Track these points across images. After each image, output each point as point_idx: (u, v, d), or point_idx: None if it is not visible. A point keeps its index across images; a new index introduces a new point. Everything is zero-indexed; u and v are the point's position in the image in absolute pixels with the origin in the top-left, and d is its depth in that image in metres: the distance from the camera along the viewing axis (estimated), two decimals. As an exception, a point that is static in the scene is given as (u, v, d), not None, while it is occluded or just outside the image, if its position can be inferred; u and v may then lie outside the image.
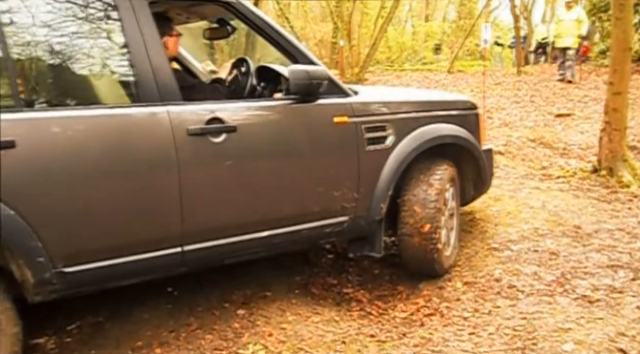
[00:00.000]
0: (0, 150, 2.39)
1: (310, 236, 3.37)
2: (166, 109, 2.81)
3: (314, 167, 3.30)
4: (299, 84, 3.11)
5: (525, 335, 3.01)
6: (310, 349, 2.92)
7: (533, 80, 13.64)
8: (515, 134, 7.50)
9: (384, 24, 15.83)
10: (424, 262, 3.73)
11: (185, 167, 2.82)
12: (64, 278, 2.61)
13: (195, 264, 3.06)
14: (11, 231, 2.44)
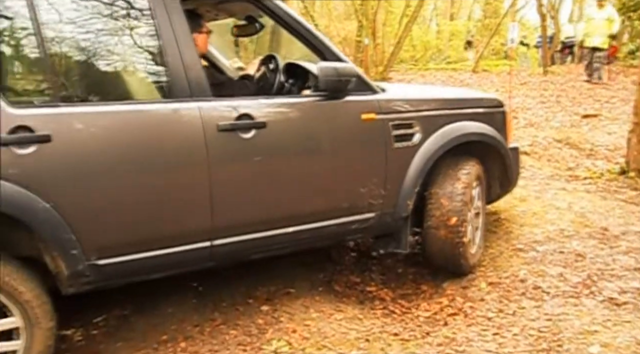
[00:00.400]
0: (37, 144, 2.45)
1: (337, 232, 3.39)
2: (197, 105, 2.84)
3: (341, 164, 3.31)
4: (327, 81, 3.11)
5: (550, 337, 2.98)
6: (334, 347, 2.93)
7: (559, 81, 13.47)
8: (541, 135, 7.42)
9: (408, 23, 15.75)
10: (450, 256, 3.72)
11: (215, 163, 2.86)
12: (97, 270, 2.67)
13: (224, 259, 3.09)
14: (46, 224, 2.50)
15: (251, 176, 3.01)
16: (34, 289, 2.58)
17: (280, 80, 3.61)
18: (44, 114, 2.51)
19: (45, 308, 2.62)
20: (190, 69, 2.85)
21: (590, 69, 12.78)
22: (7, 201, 2.40)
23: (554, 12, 20.58)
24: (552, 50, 19.73)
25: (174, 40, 2.83)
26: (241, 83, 3.76)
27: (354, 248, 4.53)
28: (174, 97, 2.82)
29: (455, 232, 3.62)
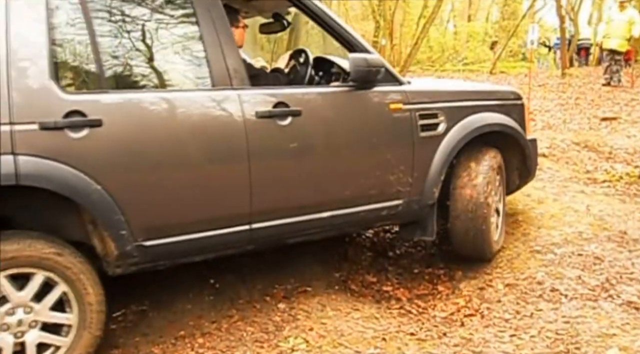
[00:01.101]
0: (89, 128, 2.58)
1: (367, 218, 3.51)
2: (237, 93, 2.98)
3: (371, 151, 3.43)
4: (358, 71, 3.24)
5: (568, 339, 2.97)
6: (351, 345, 2.93)
7: (578, 83, 13.37)
8: (559, 137, 7.37)
9: (426, 24, 15.73)
10: (475, 243, 3.84)
11: (254, 148, 2.99)
12: (144, 251, 2.79)
13: (262, 242, 3.20)
14: (98, 205, 2.62)
15: (287, 161, 3.13)
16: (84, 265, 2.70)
17: (310, 73, 3.75)
18: (95, 100, 2.64)
19: (98, 291, 2.75)
20: (229, 59, 3.00)
21: (609, 71, 12.64)
22: (62, 182, 2.52)
23: (573, 14, 20.41)
24: (571, 53, 19.58)
25: (214, 32, 2.98)
26: (274, 75, 3.87)
27: (370, 248, 4.54)
28: (216, 86, 2.96)
29: (479, 220, 3.75)
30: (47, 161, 2.49)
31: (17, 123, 2.44)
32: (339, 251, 4.41)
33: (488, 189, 3.78)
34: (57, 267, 2.61)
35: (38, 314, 2.61)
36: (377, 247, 4.63)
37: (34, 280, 2.59)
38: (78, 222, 2.78)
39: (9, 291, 2.53)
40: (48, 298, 2.63)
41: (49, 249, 2.59)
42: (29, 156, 2.46)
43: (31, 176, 2.46)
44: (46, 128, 2.49)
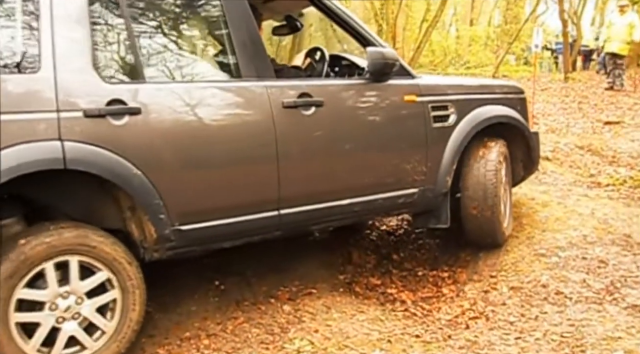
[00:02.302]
0: (129, 116, 2.72)
1: (385, 206, 3.66)
2: (264, 83, 3.14)
3: (388, 141, 3.58)
4: (375, 64, 3.42)
5: (573, 342, 2.97)
6: (356, 347, 2.94)
7: (581, 87, 13.37)
8: (562, 141, 7.36)
9: (429, 27, 15.73)
10: (486, 230, 4.01)
11: (281, 137, 3.14)
12: (180, 236, 2.91)
13: (289, 228, 3.35)
14: (139, 189, 2.75)
15: (311, 150, 3.29)
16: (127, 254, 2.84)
17: (327, 69, 3.90)
18: (134, 89, 2.79)
19: (139, 277, 2.86)
20: (256, 52, 3.17)
21: (611, 75, 12.64)
22: (106, 167, 2.66)
23: (576, 19, 20.43)
24: (574, 57, 19.57)
25: (242, 27, 3.14)
26: (294, 71, 4.00)
27: (374, 251, 4.55)
28: (244, 77, 3.12)
29: (490, 206, 3.93)
30: (91, 147, 2.63)
31: (63, 111, 2.58)
32: (343, 254, 4.42)
33: (497, 177, 3.95)
34: (116, 265, 2.77)
35: (84, 310, 2.71)
36: (381, 250, 4.64)
37: (96, 275, 2.73)
38: (115, 210, 2.93)
39: (74, 276, 2.67)
40: (99, 299, 2.76)
41: (109, 244, 2.77)
42: (75, 142, 2.59)
43: (77, 161, 2.59)
44: (90, 115, 2.64)
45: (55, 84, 2.58)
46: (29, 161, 2.49)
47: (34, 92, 2.54)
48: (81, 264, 2.70)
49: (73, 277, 2.68)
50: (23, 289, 2.57)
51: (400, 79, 3.65)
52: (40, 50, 2.59)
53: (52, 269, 2.63)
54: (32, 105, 2.54)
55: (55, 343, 2.65)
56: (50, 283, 2.62)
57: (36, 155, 2.51)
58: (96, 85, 2.69)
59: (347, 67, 4.01)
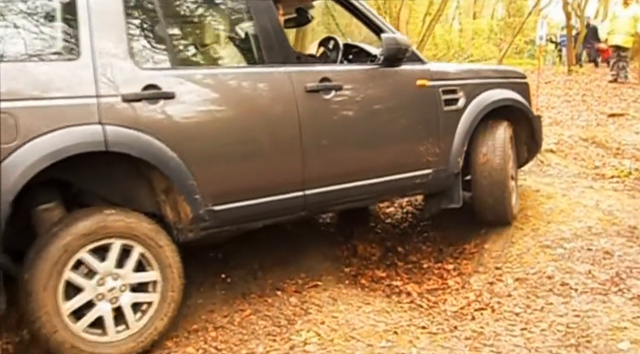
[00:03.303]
0: (164, 100, 2.86)
1: (402, 186, 3.83)
2: (286, 69, 3.28)
3: (403, 124, 3.74)
4: (390, 49, 3.57)
5: (579, 332, 2.97)
6: (362, 338, 2.95)
7: (584, 80, 13.32)
8: (567, 133, 7.35)
9: (432, 21, 15.70)
10: (498, 207, 4.18)
11: (304, 120, 3.28)
12: (214, 215, 3.05)
13: (313, 208, 3.49)
14: (175, 170, 2.88)
15: (332, 132, 3.42)
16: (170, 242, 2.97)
17: (341, 57, 4.06)
18: (168, 75, 2.94)
19: (178, 260, 2.99)
20: (278, 39, 3.30)
21: (616, 68, 12.58)
22: (145, 149, 2.79)
23: (579, 11, 20.33)
24: (577, 49, 19.48)
25: (266, 16, 3.28)
26: (311, 58, 4.18)
27: (379, 243, 4.56)
28: (268, 63, 3.26)
29: (500, 184, 4.11)
30: (130, 130, 2.76)
31: (103, 96, 2.71)
32: (348, 247, 4.44)
33: (505, 157, 4.12)
34: (141, 236, 2.86)
35: (125, 278, 2.84)
36: (385, 243, 4.65)
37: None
38: (148, 194, 3.06)
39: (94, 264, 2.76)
40: (129, 263, 2.86)
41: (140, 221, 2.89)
42: (114, 126, 2.72)
43: (118, 143, 2.72)
44: (128, 100, 2.77)
45: (95, 71, 2.72)
46: (73, 144, 2.61)
47: (74, 78, 2.67)
48: (125, 247, 2.84)
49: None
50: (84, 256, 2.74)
51: (412, 64, 3.80)
52: (79, 38, 2.72)
53: (118, 247, 2.81)
54: (74, 90, 2.66)
55: (105, 322, 2.80)
56: (110, 259, 2.79)
57: (80, 138, 2.63)
58: (132, 71, 2.82)
59: (359, 55, 4.14)
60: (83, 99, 2.67)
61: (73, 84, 2.66)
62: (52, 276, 2.63)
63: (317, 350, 2.85)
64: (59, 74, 2.65)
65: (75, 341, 2.71)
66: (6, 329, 3.16)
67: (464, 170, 4.14)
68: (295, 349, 2.88)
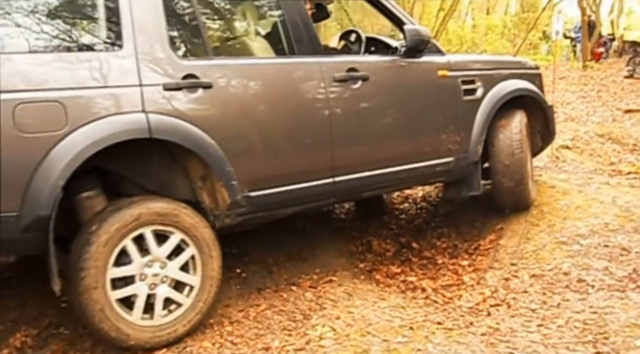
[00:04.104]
0: (202, 89, 2.96)
1: (425, 174, 3.93)
2: (316, 59, 3.39)
3: (426, 112, 3.86)
4: (413, 40, 3.70)
5: (596, 329, 2.95)
6: (378, 334, 2.95)
7: (599, 76, 13.20)
8: (582, 129, 7.30)
9: (445, 17, 15.60)
10: (517, 193, 4.29)
11: (333, 109, 3.39)
12: (250, 201, 3.14)
13: (342, 195, 3.62)
14: (214, 157, 2.98)
15: (359, 121, 3.51)
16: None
17: (363, 50, 4.17)
18: (206, 64, 3.03)
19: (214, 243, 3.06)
20: (307, 30, 3.41)
21: (631, 63, 12.44)
22: (186, 136, 2.88)
23: (595, 6, 20.13)
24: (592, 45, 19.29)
25: (295, 8, 3.40)
26: (334, 51, 4.26)
27: (394, 239, 4.56)
28: (299, 54, 3.37)
29: (518, 170, 4.23)
30: (172, 118, 2.86)
31: (145, 85, 2.81)
32: (363, 243, 4.44)
33: (523, 144, 4.25)
34: (192, 230, 2.95)
35: (169, 272, 2.91)
36: (400, 238, 4.64)
37: (171, 240, 2.91)
38: (184, 182, 3.15)
39: (152, 244, 2.86)
40: (180, 258, 2.94)
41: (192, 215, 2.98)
42: (157, 114, 2.82)
43: (161, 131, 2.82)
44: (168, 89, 2.87)
45: (137, 61, 2.81)
46: (120, 131, 2.71)
47: (119, 68, 2.77)
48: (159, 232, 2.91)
49: (153, 246, 2.87)
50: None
51: (432, 55, 3.92)
52: (121, 30, 2.82)
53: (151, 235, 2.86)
54: (119, 80, 2.76)
55: (155, 308, 2.88)
56: (151, 247, 2.86)
57: (126, 125, 2.73)
58: (172, 62, 2.92)
59: (378, 47, 4.23)
60: (127, 88, 2.77)
61: (117, 73, 2.76)
62: (99, 261, 2.70)
63: (333, 345, 2.85)
64: (104, 64, 2.75)
65: (124, 324, 2.79)
66: (25, 322, 3.20)
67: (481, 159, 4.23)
68: (311, 344, 2.88)
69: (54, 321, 3.26)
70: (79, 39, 2.89)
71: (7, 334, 3.11)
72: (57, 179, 2.57)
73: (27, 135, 2.53)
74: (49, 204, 2.57)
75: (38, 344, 3.07)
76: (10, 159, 2.50)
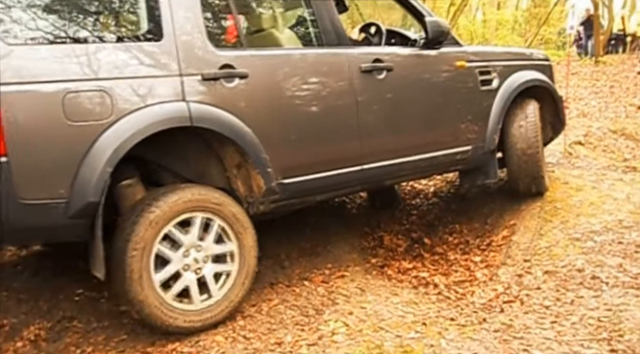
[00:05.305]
0: (238, 79, 3.05)
1: (445, 162, 4.04)
2: (343, 51, 3.49)
3: (446, 102, 3.97)
4: (434, 31, 3.81)
5: (610, 326, 2.93)
6: (391, 329, 2.94)
7: (612, 71, 13.10)
8: (595, 125, 7.24)
9: (456, 12, 15.53)
10: (533, 177, 4.41)
11: (360, 99, 3.49)
12: (283, 188, 3.24)
13: (368, 183, 3.73)
14: (250, 145, 3.07)
15: (384, 111, 3.63)
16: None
17: (384, 42, 4.29)
18: (241, 55, 3.14)
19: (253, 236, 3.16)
20: (333, 22, 3.52)
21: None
22: (225, 125, 2.98)
23: (607, 1, 19.95)
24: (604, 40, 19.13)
25: (322, 2, 3.51)
26: (356, 43, 4.33)
27: (405, 235, 4.55)
28: (327, 45, 3.46)
29: (534, 155, 4.36)
30: (210, 107, 2.95)
31: (185, 75, 2.90)
32: (375, 238, 4.43)
33: (537, 131, 4.38)
34: (233, 219, 3.06)
35: (207, 250, 3.00)
36: (411, 234, 4.63)
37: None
38: (219, 170, 3.24)
39: (197, 232, 2.97)
40: (210, 235, 3.03)
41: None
42: (197, 103, 2.91)
43: (202, 119, 2.91)
44: (207, 79, 2.96)
45: (177, 51, 2.90)
46: (163, 119, 2.80)
47: (160, 58, 2.86)
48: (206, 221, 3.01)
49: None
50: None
51: (451, 46, 4.03)
52: (161, 21, 2.91)
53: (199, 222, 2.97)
54: (160, 70, 2.86)
55: (191, 292, 2.97)
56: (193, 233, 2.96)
57: (169, 114, 2.83)
58: (210, 52, 3.01)
59: (397, 39, 4.36)
60: (168, 78, 2.86)
61: (159, 64, 2.85)
62: (145, 245, 2.80)
63: (346, 340, 2.85)
64: (147, 55, 2.84)
65: (166, 309, 2.89)
66: (39, 315, 3.22)
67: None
68: (324, 339, 2.88)
69: (68, 314, 3.27)
70: (121, 31, 3.04)
71: (20, 327, 3.12)
72: (105, 165, 2.65)
73: (76, 123, 2.61)
74: (97, 190, 2.65)
75: (52, 337, 3.08)
76: (59, 147, 2.59)
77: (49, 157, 2.57)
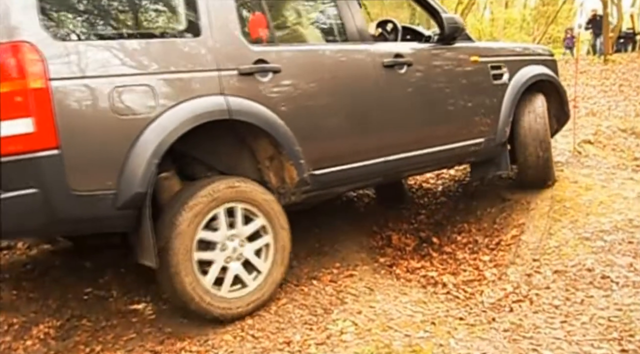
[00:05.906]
0: (272, 73, 3.16)
1: (460, 154, 4.19)
2: (365, 46, 3.62)
3: (462, 96, 4.11)
4: (450, 27, 3.97)
5: (621, 326, 2.91)
6: (400, 329, 2.93)
7: (621, 70, 13.03)
8: (604, 124, 7.19)
9: (464, 10, 15.50)
10: (543, 168, 4.56)
11: (383, 93, 3.63)
12: (314, 179, 3.35)
13: (389, 174, 3.85)
14: (284, 137, 3.18)
15: (405, 104, 3.78)
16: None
17: (400, 38, 4.39)
18: (274, 50, 3.25)
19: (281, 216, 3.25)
20: (356, 19, 3.63)
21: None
22: (260, 118, 3.08)
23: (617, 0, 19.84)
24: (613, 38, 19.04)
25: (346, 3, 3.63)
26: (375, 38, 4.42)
27: (414, 234, 4.54)
28: (350, 41, 3.60)
29: (543, 147, 4.51)
30: (247, 100, 3.06)
31: (222, 70, 3.01)
32: (383, 237, 4.42)
33: (545, 123, 4.54)
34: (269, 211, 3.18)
35: (246, 252, 3.12)
36: (420, 233, 4.62)
37: (255, 222, 3.14)
38: (251, 162, 3.35)
39: (239, 221, 3.09)
40: (257, 242, 3.17)
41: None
42: (234, 96, 3.02)
43: (239, 112, 3.02)
44: (243, 73, 3.07)
45: (214, 47, 3.01)
46: (204, 112, 2.91)
47: (199, 54, 2.97)
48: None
49: (239, 222, 3.09)
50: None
51: (464, 42, 4.19)
52: (199, 18, 3.01)
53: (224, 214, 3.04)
54: (200, 65, 2.96)
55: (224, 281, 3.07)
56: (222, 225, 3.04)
57: (209, 107, 2.93)
58: (245, 48, 3.12)
59: (412, 36, 4.45)
60: (207, 73, 2.96)
61: (198, 59, 2.96)
62: (188, 237, 2.90)
63: (355, 339, 2.84)
64: (187, 51, 2.95)
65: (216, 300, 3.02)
66: (48, 314, 3.23)
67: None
68: (332, 338, 2.88)
69: (77, 312, 3.29)
70: (162, 27, 3.25)
71: (30, 326, 3.14)
72: (151, 157, 2.75)
73: (123, 117, 2.71)
74: (145, 181, 2.74)
75: (61, 336, 3.10)
76: (108, 140, 2.69)
77: (98, 149, 2.67)
